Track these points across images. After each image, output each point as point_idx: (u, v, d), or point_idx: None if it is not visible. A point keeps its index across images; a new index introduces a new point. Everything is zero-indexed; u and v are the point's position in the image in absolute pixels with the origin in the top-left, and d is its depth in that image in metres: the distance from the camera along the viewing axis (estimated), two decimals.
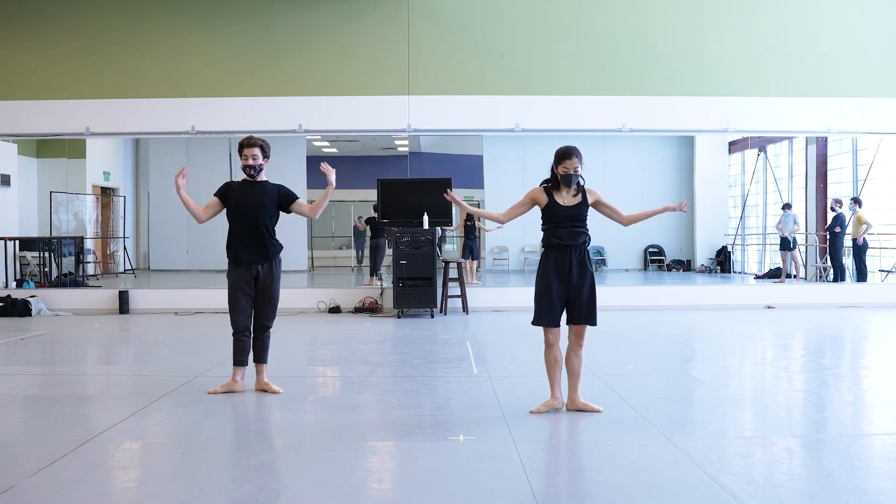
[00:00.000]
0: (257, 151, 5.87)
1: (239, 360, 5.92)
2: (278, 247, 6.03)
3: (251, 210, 5.85)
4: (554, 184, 5.20)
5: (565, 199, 5.18)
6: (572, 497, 3.65)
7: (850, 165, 15.36)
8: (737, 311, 11.60)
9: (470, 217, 14.97)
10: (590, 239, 5.24)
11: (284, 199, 5.99)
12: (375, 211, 14.32)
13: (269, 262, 5.96)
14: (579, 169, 5.12)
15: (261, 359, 5.98)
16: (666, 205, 5.47)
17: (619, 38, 12.22)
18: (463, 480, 3.84)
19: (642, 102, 12.17)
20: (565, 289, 5.14)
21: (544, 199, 5.21)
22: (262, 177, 6.00)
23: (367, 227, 15.31)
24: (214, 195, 6.00)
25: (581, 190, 5.21)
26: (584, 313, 5.15)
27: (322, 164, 5.92)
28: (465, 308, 11.59)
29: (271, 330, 6.04)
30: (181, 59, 12.25)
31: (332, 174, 5.86)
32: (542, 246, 5.29)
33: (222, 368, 6.94)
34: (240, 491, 3.72)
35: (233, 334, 5.93)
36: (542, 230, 5.27)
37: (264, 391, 5.90)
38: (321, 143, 17.42)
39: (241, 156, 5.91)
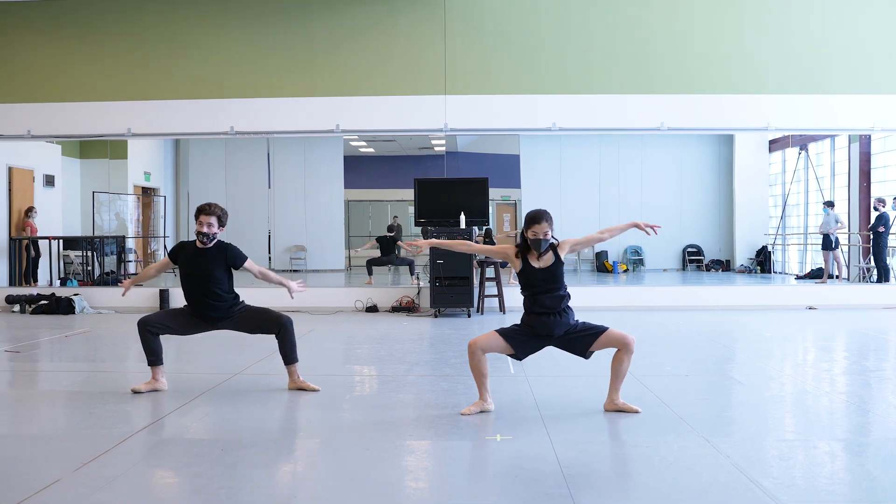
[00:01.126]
0: (213, 220, 5.87)
1: (152, 360, 5.90)
2: (235, 301, 6.00)
3: (202, 282, 5.87)
4: (525, 247, 5.13)
5: (539, 261, 5.12)
6: (610, 498, 3.62)
7: (895, 164, 15.07)
8: (777, 312, 11.44)
9: (488, 233, 14.97)
10: (569, 296, 5.17)
11: (232, 262, 5.97)
12: (390, 231, 14.67)
13: (228, 318, 5.97)
14: (549, 234, 5.06)
15: (291, 359, 5.98)
16: (636, 221, 5.37)
17: (657, 35, 12.11)
18: (500, 480, 3.83)
19: (681, 101, 12.04)
20: (544, 344, 5.18)
21: (518, 263, 5.15)
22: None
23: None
24: (167, 255, 6.16)
25: (552, 248, 5.13)
26: (590, 337, 5.13)
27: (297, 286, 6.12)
28: (502, 307, 11.57)
29: (291, 327, 5.96)
30: (220, 61, 12.39)
31: (294, 290, 6.12)
32: (525, 310, 5.21)
33: (260, 367, 7.01)
34: (278, 488, 3.76)
35: (143, 331, 5.86)
36: (523, 295, 5.22)
37: (301, 389, 5.94)
38: (358, 143, 17.53)
39: (196, 220, 5.92)
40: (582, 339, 5.14)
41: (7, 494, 3.63)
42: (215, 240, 5.93)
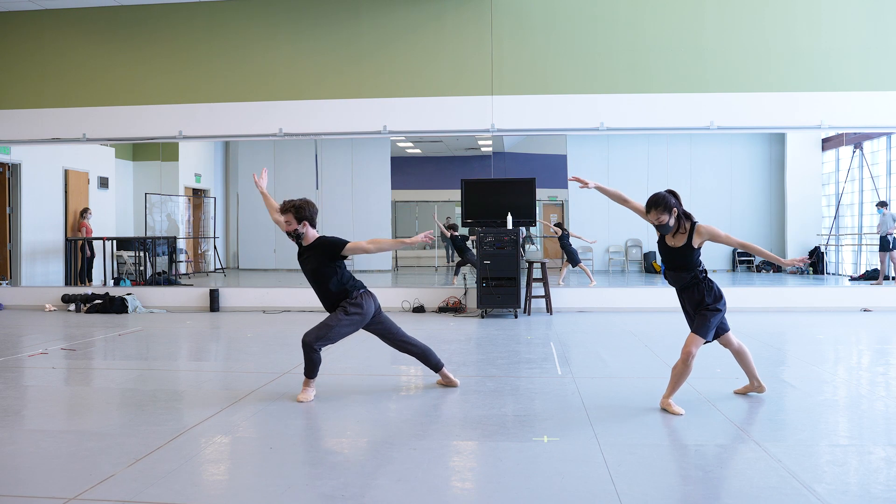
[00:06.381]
0: (290, 217, 5.73)
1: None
2: (345, 293, 5.80)
3: (310, 277, 5.82)
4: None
5: (672, 239, 5.41)
6: (658, 501, 3.59)
7: None
8: (831, 314, 11.22)
9: (559, 224, 14.85)
10: (700, 276, 5.36)
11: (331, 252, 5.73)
12: (454, 229, 14.60)
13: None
14: (665, 220, 5.25)
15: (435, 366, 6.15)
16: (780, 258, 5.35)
17: (707, 33, 11.95)
18: (547, 482, 3.82)
19: (731, 99, 11.86)
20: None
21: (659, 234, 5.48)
22: (311, 234, 5.81)
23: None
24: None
25: (690, 230, 5.32)
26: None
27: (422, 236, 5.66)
28: (549, 308, 11.53)
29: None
30: (269, 64, 12.54)
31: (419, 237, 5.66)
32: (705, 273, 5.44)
33: None
34: (326, 486, 3.79)
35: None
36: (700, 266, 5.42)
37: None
38: (405, 144, 17.59)
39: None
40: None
41: (66, 488, 3.72)
42: (303, 235, 5.78)
